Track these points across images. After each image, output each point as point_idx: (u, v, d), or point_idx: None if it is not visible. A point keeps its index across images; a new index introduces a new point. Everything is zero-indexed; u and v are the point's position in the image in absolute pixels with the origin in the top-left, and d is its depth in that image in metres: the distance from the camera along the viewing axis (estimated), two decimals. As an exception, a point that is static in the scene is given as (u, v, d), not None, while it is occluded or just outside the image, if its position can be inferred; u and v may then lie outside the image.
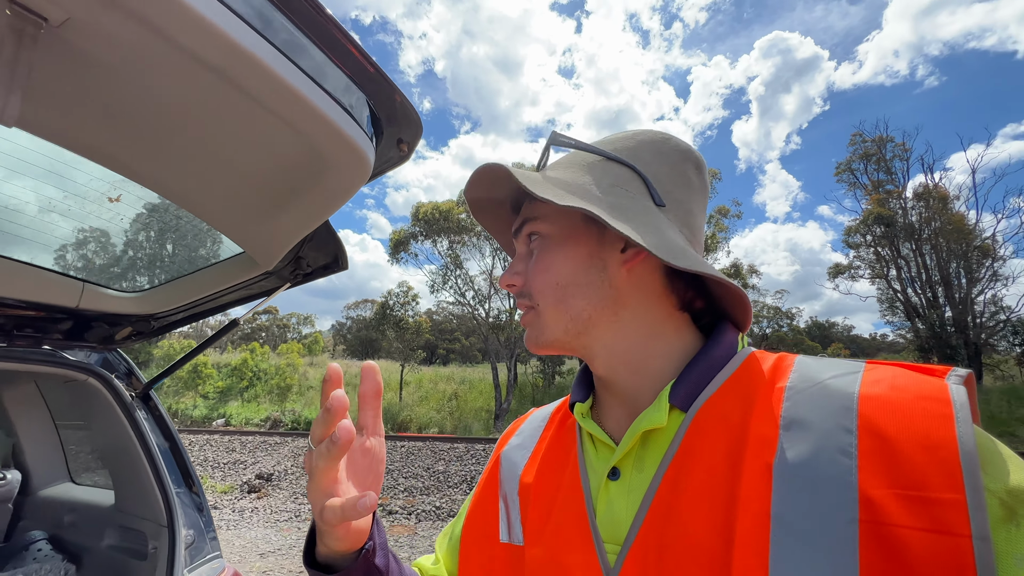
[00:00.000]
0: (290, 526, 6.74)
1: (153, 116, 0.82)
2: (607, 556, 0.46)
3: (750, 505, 0.39)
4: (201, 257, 1.36)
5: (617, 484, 0.49)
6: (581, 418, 0.56)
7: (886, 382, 0.41)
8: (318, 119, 0.82)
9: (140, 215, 1.22)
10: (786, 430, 0.41)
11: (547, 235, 0.54)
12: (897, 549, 0.34)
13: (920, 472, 0.35)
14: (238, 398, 20.44)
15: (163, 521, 1.31)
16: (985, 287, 20.62)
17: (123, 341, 1.41)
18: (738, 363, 0.49)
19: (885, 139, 23.51)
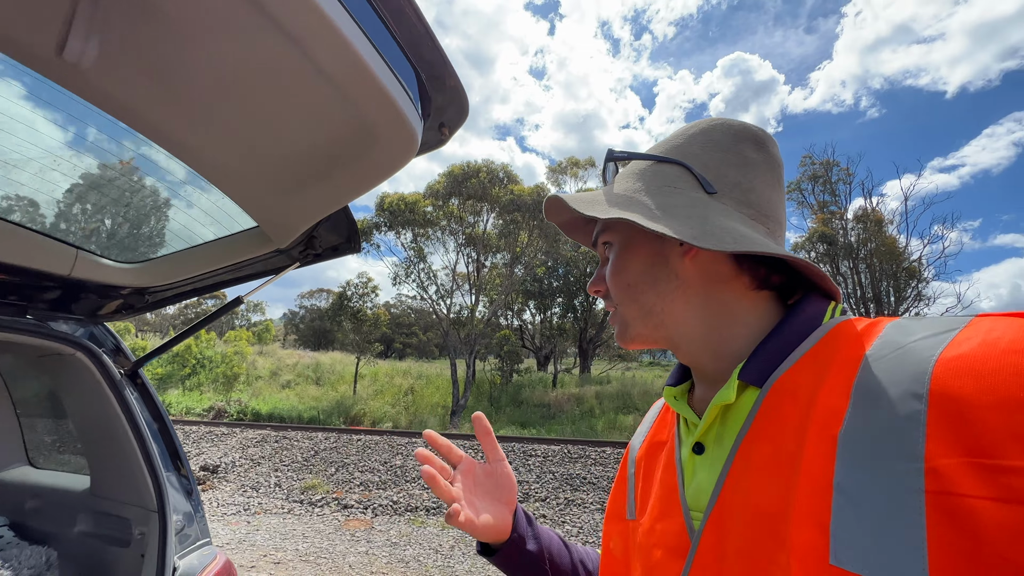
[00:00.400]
0: (238, 519, 6.46)
1: (204, 78, 0.78)
2: (693, 523, 0.51)
3: (813, 475, 0.39)
4: (205, 230, 1.30)
5: (701, 458, 0.53)
6: (673, 401, 0.60)
7: (978, 337, 0.37)
8: (377, 91, 0.80)
9: (149, 182, 1.15)
10: (856, 400, 0.40)
11: (615, 243, 0.60)
12: (968, 521, 0.32)
13: (995, 437, 0.32)
14: (179, 386, 19.29)
15: (152, 506, 1.24)
16: (910, 306, 22.47)
17: (111, 315, 1.32)
18: (821, 335, 0.48)
19: (832, 163, 25.15)
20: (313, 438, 10.30)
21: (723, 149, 0.56)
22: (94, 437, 1.33)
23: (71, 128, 1.01)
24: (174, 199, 1.24)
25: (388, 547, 5.53)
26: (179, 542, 1.24)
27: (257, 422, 13.80)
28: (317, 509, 7.01)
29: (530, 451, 9.22)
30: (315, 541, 5.66)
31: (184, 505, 1.31)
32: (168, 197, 1.24)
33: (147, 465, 1.25)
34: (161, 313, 31.72)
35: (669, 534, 0.52)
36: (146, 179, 1.18)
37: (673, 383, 0.62)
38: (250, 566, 4.84)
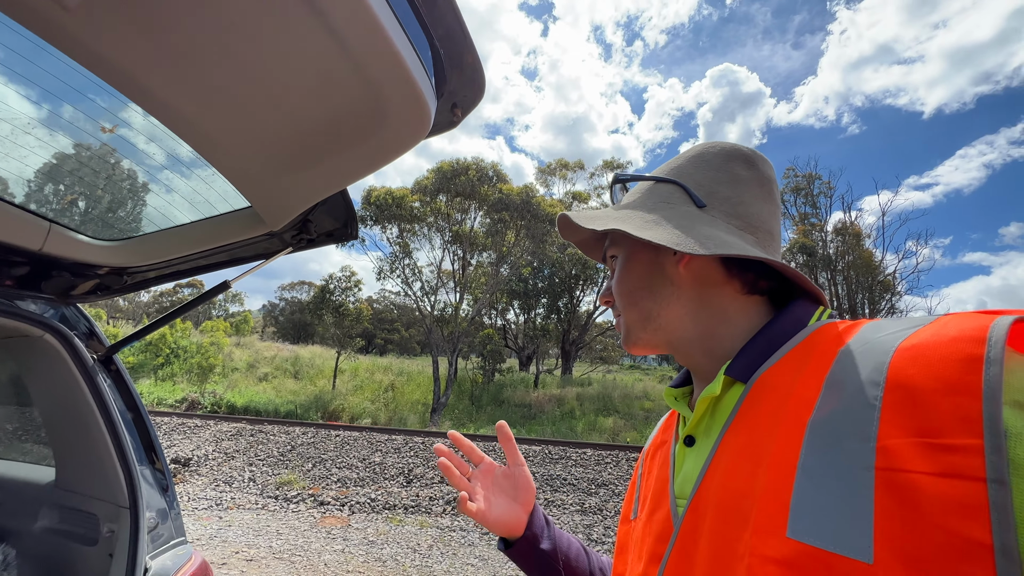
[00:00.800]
0: (210, 515, 6.26)
1: (201, 36, 0.71)
2: (678, 509, 0.54)
3: (781, 458, 0.43)
4: (193, 208, 1.21)
5: (691, 449, 0.57)
6: (673, 401, 0.65)
7: (933, 328, 0.41)
8: (393, 61, 0.74)
9: (133, 153, 1.06)
10: (826, 390, 0.44)
11: (619, 255, 0.65)
12: (912, 494, 0.35)
13: (940, 419, 0.35)
14: (151, 375, 18.72)
15: (123, 502, 1.15)
16: (883, 318, 23.08)
17: (85, 295, 1.22)
18: (805, 335, 0.51)
19: (814, 176, 25.71)
20: (290, 433, 10.07)
21: (715, 168, 0.62)
22: (61, 426, 1.23)
23: (48, 93, 0.92)
24: (160, 175, 1.16)
25: (365, 545, 5.42)
26: (151, 541, 1.16)
27: (232, 415, 13.46)
28: (292, 505, 6.85)
29: (511, 451, 9.18)
30: (290, 538, 5.52)
31: (158, 501, 1.22)
32: (154, 172, 1.15)
33: (119, 458, 1.16)
34: (135, 300, 30.79)
35: (658, 522, 0.56)
36: (131, 152, 1.09)
37: (675, 385, 0.67)
38: (221, 563, 4.69)
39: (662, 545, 0.53)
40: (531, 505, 0.74)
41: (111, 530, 1.15)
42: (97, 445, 1.17)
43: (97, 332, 1.29)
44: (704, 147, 0.65)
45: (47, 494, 1.30)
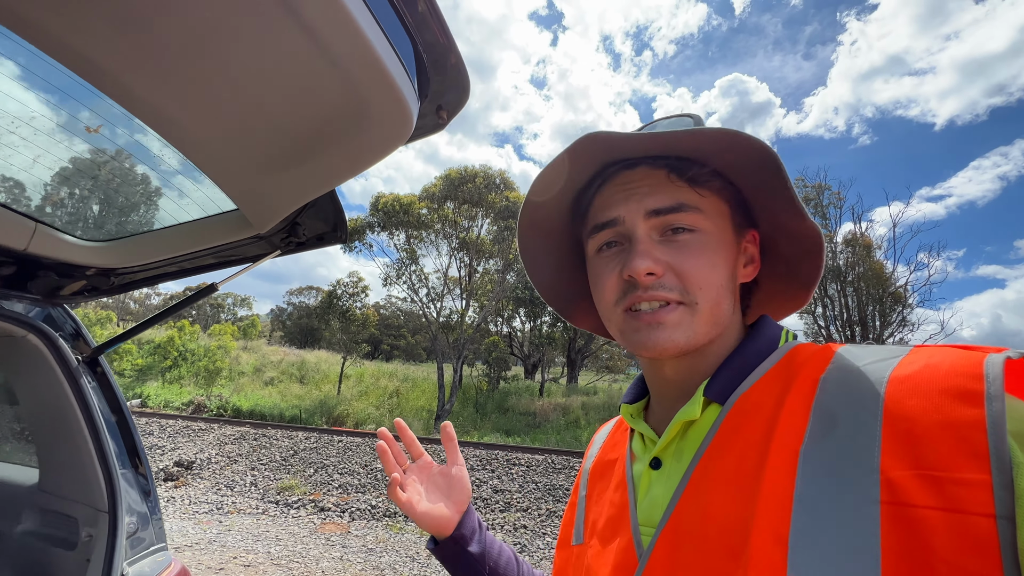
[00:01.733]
0: (210, 519, 6.26)
1: (177, 31, 0.70)
2: (642, 538, 0.50)
3: (774, 490, 0.40)
4: (181, 210, 1.21)
5: (658, 473, 0.52)
6: (630, 419, 0.59)
7: (921, 362, 0.41)
8: (372, 62, 0.73)
9: (118, 153, 1.06)
10: (815, 418, 0.42)
11: (708, 232, 0.52)
12: (919, 529, 0.34)
13: (943, 452, 0.35)
14: (159, 378, 18.87)
15: (102, 506, 1.13)
16: (895, 331, 22.73)
17: (72, 296, 1.22)
18: (779, 356, 0.50)
19: (823, 186, 25.50)
20: (293, 437, 10.08)
21: None
22: (44, 427, 1.22)
23: (33, 92, 0.92)
24: (148, 175, 1.15)
25: (364, 553, 5.38)
26: (131, 546, 1.14)
27: (237, 419, 13.51)
28: (293, 511, 6.83)
29: (514, 460, 9.10)
30: (288, 544, 5.49)
31: (140, 506, 1.20)
32: (141, 173, 1.15)
33: (100, 460, 1.15)
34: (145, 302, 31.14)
35: (616, 552, 0.51)
36: (117, 152, 1.09)
37: (630, 400, 0.62)
38: (219, 568, 4.67)
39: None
40: (464, 507, 0.71)
41: (89, 534, 1.13)
42: (78, 447, 1.16)
43: (83, 333, 1.28)
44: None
45: (30, 496, 1.28)
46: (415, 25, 0.77)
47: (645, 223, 0.52)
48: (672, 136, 0.49)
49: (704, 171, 0.52)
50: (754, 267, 0.57)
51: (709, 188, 0.52)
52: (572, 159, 0.53)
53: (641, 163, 0.54)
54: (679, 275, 0.50)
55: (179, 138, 0.92)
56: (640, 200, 0.52)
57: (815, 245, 0.55)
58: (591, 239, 0.57)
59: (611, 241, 0.54)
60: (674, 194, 0.52)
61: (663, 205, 0.51)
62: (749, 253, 0.57)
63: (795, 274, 0.59)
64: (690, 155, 0.52)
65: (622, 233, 0.53)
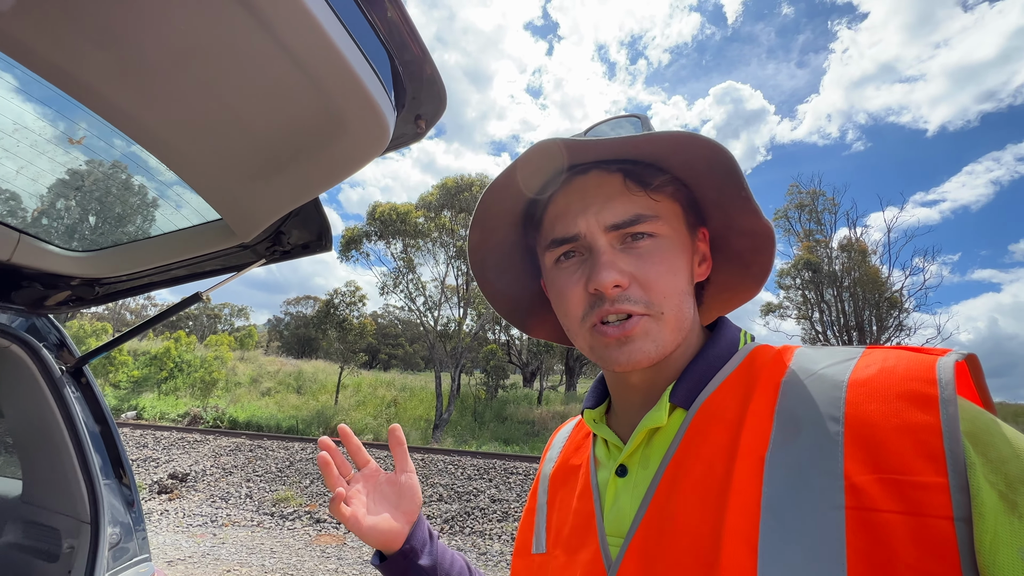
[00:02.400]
0: (204, 531, 6.19)
1: (153, 46, 0.72)
2: (610, 549, 0.49)
3: (742, 497, 0.40)
4: (165, 220, 1.22)
5: (624, 481, 0.51)
6: (593, 424, 0.58)
7: (876, 365, 0.42)
8: (346, 75, 0.75)
9: (102, 163, 1.07)
10: (779, 423, 0.42)
11: (666, 237, 0.51)
12: (882, 533, 0.34)
13: (903, 456, 0.36)
14: (154, 389, 18.75)
15: (84, 516, 1.13)
16: (891, 335, 22.76)
17: (57, 306, 1.22)
18: (740, 359, 0.50)
19: (818, 192, 25.68)
20: (289, 448, 10.01)
21: None
22: (27, 439, 1.22)
23: (15, 101, 0.94)
24: (131, 185, 1.17)
25: (359, 565, 5.32)
26: (113, 558, 1.13)
27: (233, 430, 13.41)
28: (288, 523, 6.76)
29: (512, 468, 9.05)
30: (283, 556, 5.44)
31: (123, 517, 1.20)
32: (125, 183, 1.16)
33: (83, 472, 1.14)
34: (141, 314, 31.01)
35: (583, 564, 0.50)
36: (101, 162, 1.10)
37: (592, 405, 0.60)
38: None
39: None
40: (414, 516, 0.64)
41: (71, 546, 1.12)
42: (61, 458, 1.16)
43: (67, 343, 1.28)
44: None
45: (13, 508, 1.28)
46: (389, 39, 0.79)
47: (605, 236, 0.51)
48: (630, 141, 0.48)
49: (660, 176, 0.51)
50: (707, 265, 0.57)
51: (663, 192, 0.52)
52: (523, 168, 0.52)
53: (593, 168, 0.52)
54: (643, 285, 0.49)
55: (160, 149, 0.94)
56: (597, 213, 0.51)
57: (767, 241, 0.54)
58: (549, 251, 0.55)
59: (570, 252, 0.53)
60: (631, 205, 0.50)
61: (621, 219, 0.50)
62: (702, 251, 0.57)
63: (747, 267, 0.58)
64: (644, 158, 0.51)
65: (582, 244, 0.52)
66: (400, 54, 0.83)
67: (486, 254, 0.62)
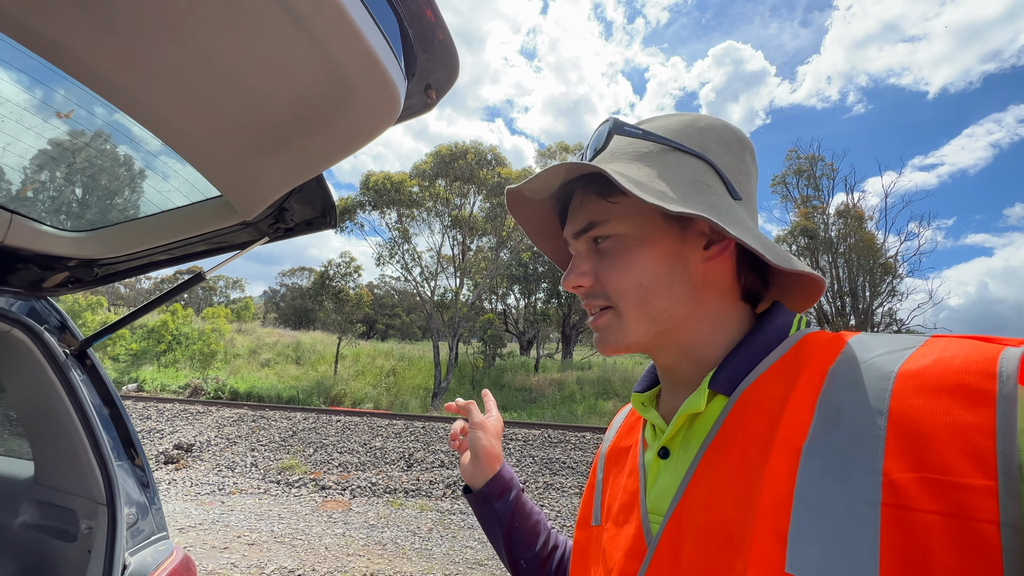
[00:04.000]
0: (213, 499, 6.34)
1: (144, 12, 0.66)
2: (651, 526, 0.51)
3: (775, 486, 0.40)
4: (163, 197, 1.17)
5: (666, 462, 0.53)
6: (641, 407, 0.60)
7: (934, 355, 0.39)
8: (356, 41, 0.69)
9: (94, 139, 1.01)
10: (820, 413, 0.41)
11: (624, 235, 0.54)
12: (919, 533, 0.33)
13: (949, 456, 0.34)
14: (154, 362, 18.84)
15: (100, 498, 1.13)
16: (884, 301, 23.06)
17: (56, 288, 1.19)
18: (789, 346, 0.49)
19: (817, 158, 25.41)
20: (292, 418, 10.16)
21: (735, 155, 0.55)
22: (36, 422, 1.21)
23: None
24: (126, 161, 1.11)
25: (366, 529, 5.49)
26: (131, 537, 1.14)
27: (234, 400, 13.57)
28: (294, 490, 6.93)
29: (511, 435, 9.25)
30: (291, 522, 5.59)
31: (138, 497, 1.20)
32: (119, 159, 1.10)
33: (95, 453, 1.14)
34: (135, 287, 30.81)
35: (628, 537, 0.53)
36: (93, 137, 1.04)
37: (641, 389, 0.62)
38: (223, 547, 4.75)
39: (634, 563, 0.50)
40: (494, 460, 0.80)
41: (89, 527, 1.13)
42: (72, 441, 1.15)
43: (69, 326, 1.25)
44: (720, 125, 0.55)
45: (27, 489, 1.28)
46: (402, 3, 0.74)
47: (575, 242, 0.58)
48: (553, 171, 0.53)
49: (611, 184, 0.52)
50: (720, 247, 0.53)
51: (620, 194, 0.53)
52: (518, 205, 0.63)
53: (576, 190, 0.58)
54: (603, 283, 0.54)
55: (154, 123, 0.88)
56: (570, 225, 0.58)
57: None
58: None
59: None
60: (587, 213, 0.56)
61: (578, 228, 0.56)
62: (707, 236, 0.54)
63: None
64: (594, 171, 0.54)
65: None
66: (411, 18, 0.77)
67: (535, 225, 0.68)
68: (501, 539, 0.77)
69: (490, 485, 0.78)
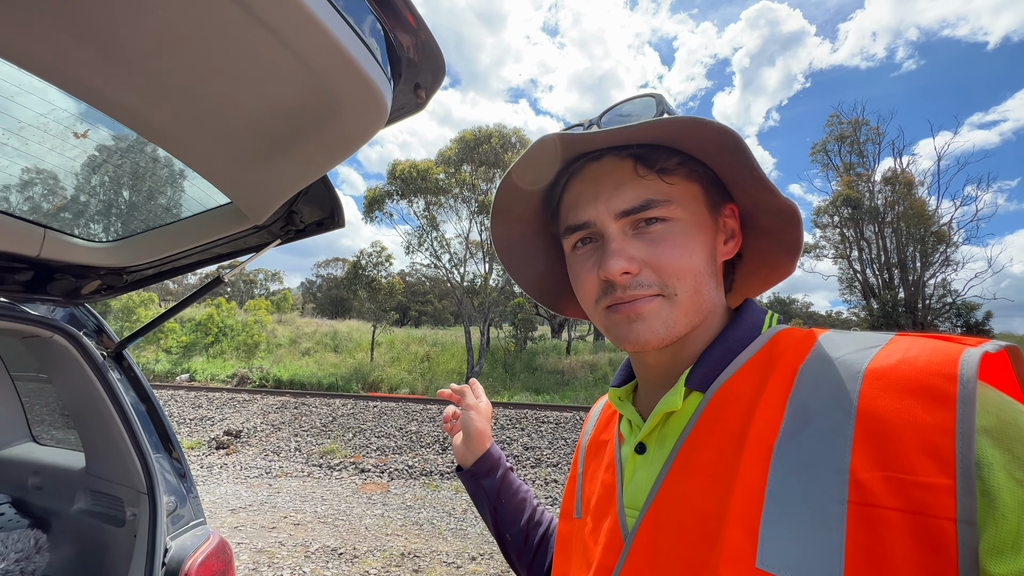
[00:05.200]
0: (261, 482, 6.72)
1: (138, 35, 0.69)
2: (627, 520, 0.51)
3: (747, 484, 0.41)
4: (181, 206, 1.23)
5: (642, 458, 0.54)
6: (618, 402, 0.61)
7: (898, 355, 0.40)
8: (335, 53, 0.70)
9: (111, 155, 1.08)
10: (790, 412, 0.42)
11: (681, 219, 0.51)
12: (882, 529, 0.35)
13: (911, 456, 0.35)
14: (203, 353, 19.92)
15: (142, 488, 1.23)
16: (937, 271, 21.73)
17: (91, 295, 1.28)
18: (761, 343, 0.49)
19: (861, 122, 23.93)
20: (331, 404, 10.58)
21: None
22: (83, 418, 1.32)
23: (15, 100, 0.93)
24: (142, 175, 1.17)
25: (403, 510, 5.71)
26: (171, 523, 1.24)
27: (278, 388, 14.22)
28: (335, 473, 7.26)
29: (543, 418, 9.35)
30: (333, 504, 5.87)
31: (176, 487, 1.30)
32: (136, 173, 1.16)
33: (135, 447, 1.23)
34: (183, 283, 32.49)
35: (606, 532, 0.53)
36: (109, 154, 1.10)
37: (618, 384, 0.62)
38: (271, 527, 5.05)
39: (611, 557, 0.51)
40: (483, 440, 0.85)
41: (133, 513, 1.23)
42: (114, 436, 1.25)
43: (106, 329, 1.35)
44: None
45: (80, 479, 1.40)
46: (379, 8, 0.74)
47: (616, 223, 0.51)
48: (630, 131, 0.48)
49: (671, 159, 0.50)
50: (735, 242, 0.56)
51: (677, 175, 0.51)
52: (530, 163, 0.53)
53: (606, 154, 0.52)
54: (656, 269, 0.49)
55: (161, 138, 0.93)
56: (607, 200, 0.51)
57: (792, 219, 0.53)
58: (565, 238, 0.56)
59: (586, 238, 0.54)
60: (641, 190, 0.50)
61: (631, 205, 0.50)
62: (729, 228, 0.56)
63: (779, 242, 0.57)
64: (653, 142, 0.50)
65: (595, 231, 0.53)
66: (391, 23, 0.78)
67: (511, 243, 0.65)
68: (489, 513, 0.81)
69: (479, 463, 0.83)
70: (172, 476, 1.30)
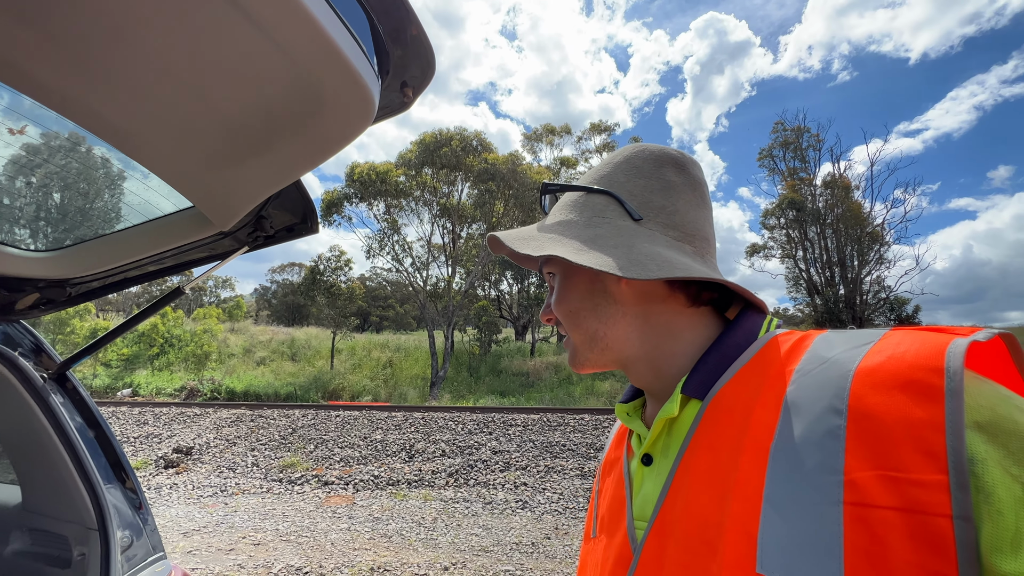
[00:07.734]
0: (215, 501, 6.34)
1: (87, 15, 0.61)
2: (636, 532, 0.52)
3: (745, 489, 0.41)
4: (134, 211, 1.11)
5: (649, 469, 0.54)
6: (625, 417, 0.62)
7: (888, 351, 0.40)
8: (321, 42, 0.65)
9: (53, 154, 0.96)
10: (785, 414, 0.42)
11: (557, 272, 0.62)
12: (880, 529, 0.34)
13: (904, 452, 0.35)
14: (147, 366, 18.68)
15: (91, 523, 1.10)
16: (872, 269, 23.31)
17: (28, 311, 1.14)
18: (757, 348, 0.50)
19: (803, 129, 25.39)
20: (290, 415, 10.14)
21: (646, 175, 0.59)
22: (20, 448, 1.17)
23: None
24: (90, 175, 1.05)
25: (370, 522, 5.52)
26: (126, 561, 1.12)
27: (232, 401, 13.51)
28: (297, 487, 6.95)
29: (510, 421, 9.31)
30: (296, 520, 5.61)
31: (131, 519, 1.17)
32: (82, 173, 1.05)
33: (82, 478, 1.11)
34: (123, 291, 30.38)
35: (617, 546, 0.53)
36: (51, 152, 0.99)
37: (626, 400, 0.64)
38: (229, 548, 4.76)
39: (621, 570, 0.51)
40: None
41: (82, 553, 1.10)
42: (57, 466, 1.12)
43: (45, 348, 1.21)
44: (633, 152, 0.62)
45: (15, 516, 1.25)
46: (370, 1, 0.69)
47: (547, 279, 0.65)
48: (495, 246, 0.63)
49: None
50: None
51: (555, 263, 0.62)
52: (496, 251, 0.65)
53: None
54: (555, 315, 0.62)
55: (112, 135, 0.83)
56: None
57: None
58: None
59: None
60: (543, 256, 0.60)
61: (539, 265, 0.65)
62: None
63: None
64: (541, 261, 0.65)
65: None
66: (381, 14, 0.73)
67: None
68: None
69: None
70: (126, 507, 1.17)
